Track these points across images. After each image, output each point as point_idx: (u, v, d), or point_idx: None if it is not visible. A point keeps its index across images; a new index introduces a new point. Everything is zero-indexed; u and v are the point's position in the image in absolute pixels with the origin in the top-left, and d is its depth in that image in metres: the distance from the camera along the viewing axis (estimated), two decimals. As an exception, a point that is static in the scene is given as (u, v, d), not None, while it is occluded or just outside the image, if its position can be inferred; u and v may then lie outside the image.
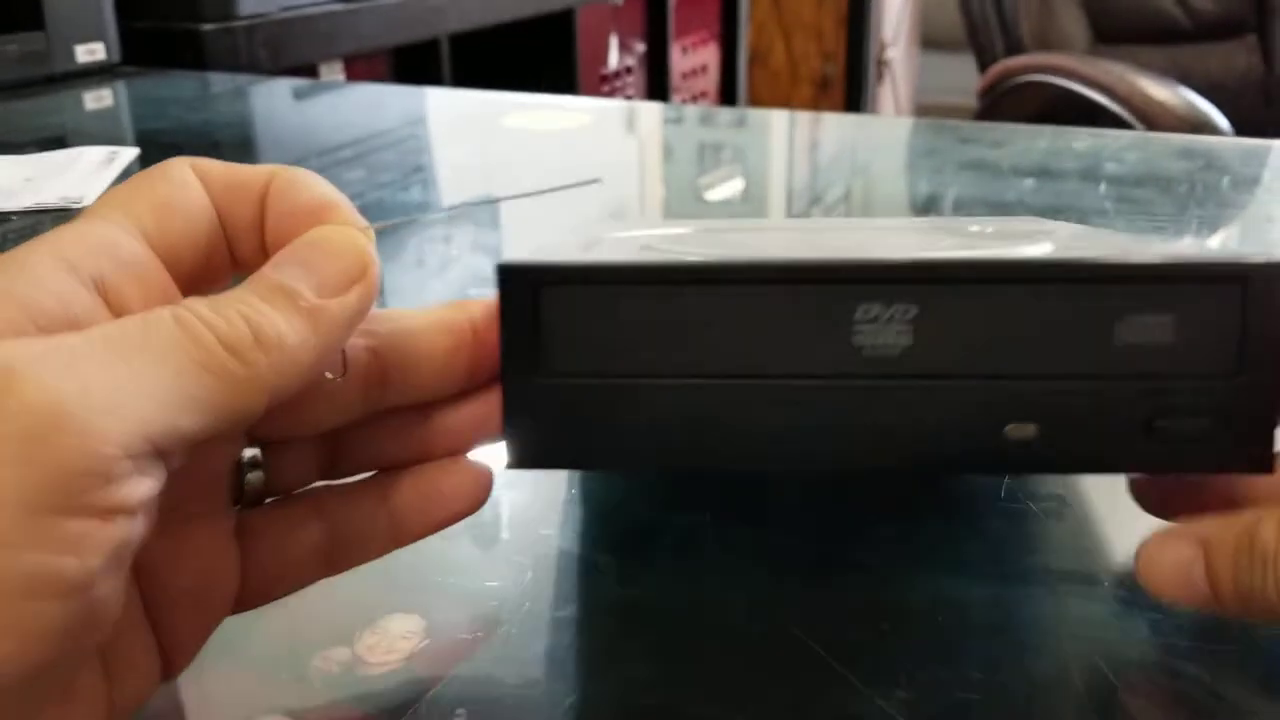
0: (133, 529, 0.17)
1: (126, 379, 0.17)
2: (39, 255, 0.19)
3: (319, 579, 0.25)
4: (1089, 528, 0.32)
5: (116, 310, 0.19)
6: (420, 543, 0.26)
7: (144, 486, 0.17)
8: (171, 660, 0.22)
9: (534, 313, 0.23)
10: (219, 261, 0.22)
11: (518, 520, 0.33)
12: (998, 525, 0.32)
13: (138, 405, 0.17)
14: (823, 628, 0.27)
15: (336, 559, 0.24)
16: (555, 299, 0.23)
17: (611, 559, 0.31)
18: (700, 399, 0.23)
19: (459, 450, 0.25)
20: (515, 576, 0.30)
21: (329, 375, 0.22)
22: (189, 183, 0.21)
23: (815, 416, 0.23)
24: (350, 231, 0.21)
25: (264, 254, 0.22)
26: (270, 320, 0.19)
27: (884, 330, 0.22)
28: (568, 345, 0.23)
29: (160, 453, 0.17)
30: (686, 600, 0.29)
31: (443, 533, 0.26)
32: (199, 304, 0.19)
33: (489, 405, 0.24)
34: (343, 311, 0.20)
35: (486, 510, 0.34)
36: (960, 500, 0.34)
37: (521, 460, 0.24)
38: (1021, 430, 0.22)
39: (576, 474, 0.35)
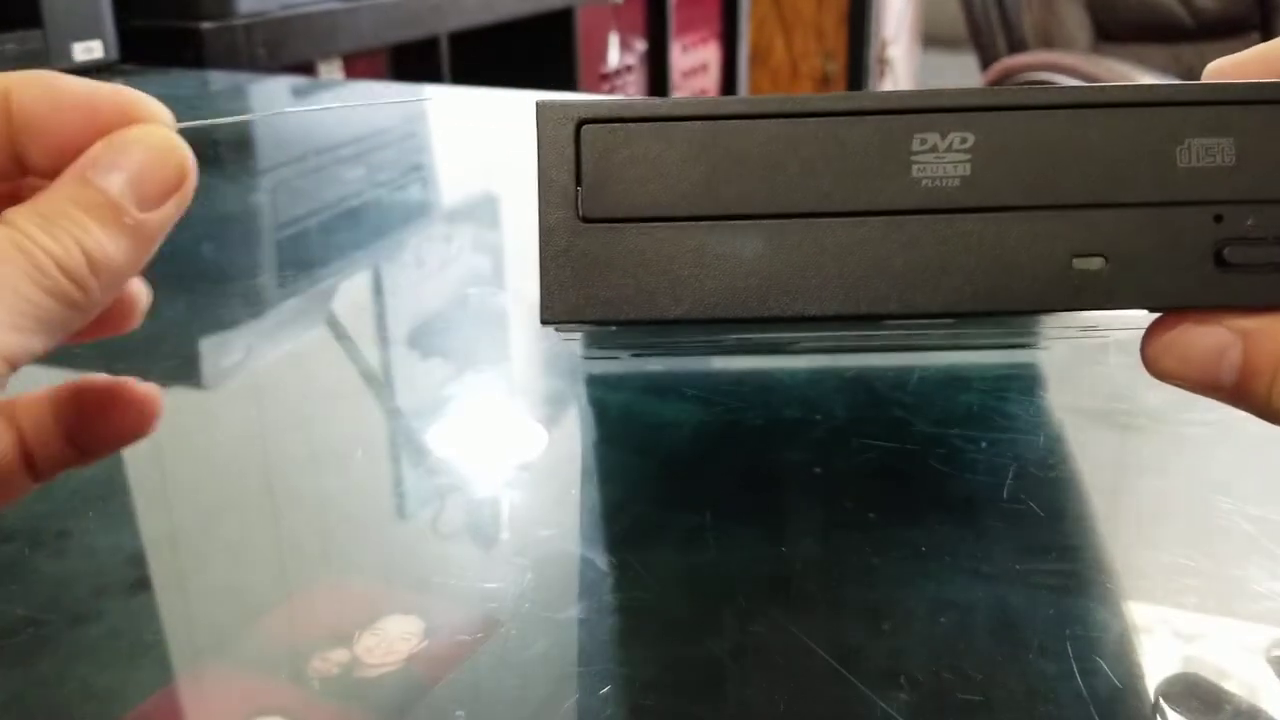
0: None
1: None
2: None
3: (27, 492, 0.24)
4: (1090, 528, 0.32)
5: None
6: (418, 543, 0.25)
7: None
8: None
9: (574, 153, 0.22)
10: None
11: (517, 521, 0.33)
12: (999, 525, 0.32)
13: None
14: (823, 628, 0.27)
15: (39, 469, 0.24)
16: (597, 138, 0.22)
17: (611, 559, 0.31)
18: (751, 241, 0.22)
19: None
20: (515, 577, 0.30)
21: None
22: None
23: (873, 256, 0.22)
24: (170, 135, 0.21)
25: (16, 165, 0.21)
26: (100, 243, 0.19)
27: (942, 160, 0.22)
28: (610, 186, 0.22)
29: (10, 371, 0.18)
30: (686, 600, 0.29)
31: (442, 533, 0.26)
32: (31, 225, 0.19)
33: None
34: (160, 225, 0.20)
35: (486, 510, 0.34)
36: (961, 501, 0.33)
37: (557, 312, 0.22)
38: (1089, 263, 0.22)
39: (578, 474, 0.35)
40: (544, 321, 0.22)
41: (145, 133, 0.21)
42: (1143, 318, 0.23)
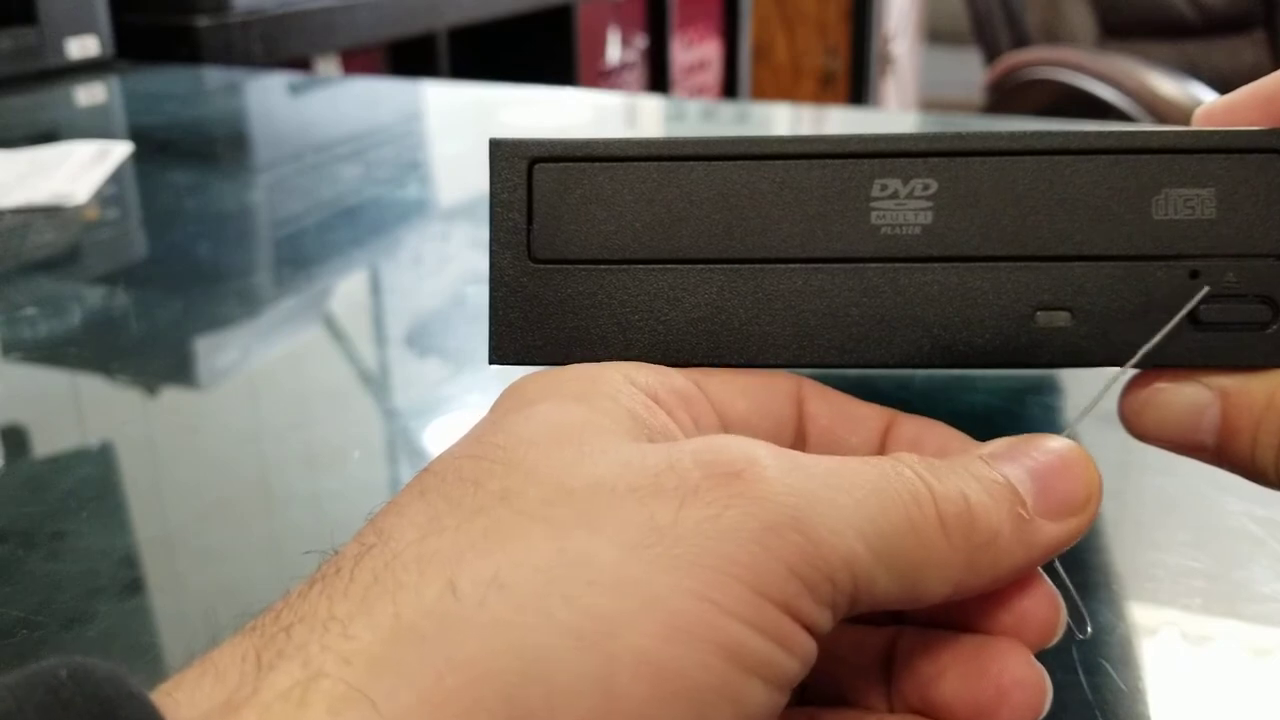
0: (807, 659, 0.17)
1: (848, 509, 0.17)
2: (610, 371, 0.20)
3: None
4: (1096, 529, 0.32)
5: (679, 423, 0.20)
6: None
7: (823, 618, 0.17)
8: None
9: (526, 192, 0.22)
10: None
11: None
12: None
13: (853, 539, 0.17)
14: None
15: None
16: (549, 177, 0.22)
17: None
18: (704, 286, 0.21)
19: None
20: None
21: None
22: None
23: (828, 305, 0.21)
24: (1086, 455, 0.20)
25: None
26: (989, 512, 0.18)
27: (902, 208, 0.21)
28: (561, 227, 0.21)
29: (847, 597, 0.17)
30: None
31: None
32: (917, 463, 0.18)
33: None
34: (1052, 544, 0.19)
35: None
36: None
37: (506, 354, 0.22)
38: (1053, 318, 0.21)
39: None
40: (492, 362, 0.22)
41: (1056, 441, 0.20)
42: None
